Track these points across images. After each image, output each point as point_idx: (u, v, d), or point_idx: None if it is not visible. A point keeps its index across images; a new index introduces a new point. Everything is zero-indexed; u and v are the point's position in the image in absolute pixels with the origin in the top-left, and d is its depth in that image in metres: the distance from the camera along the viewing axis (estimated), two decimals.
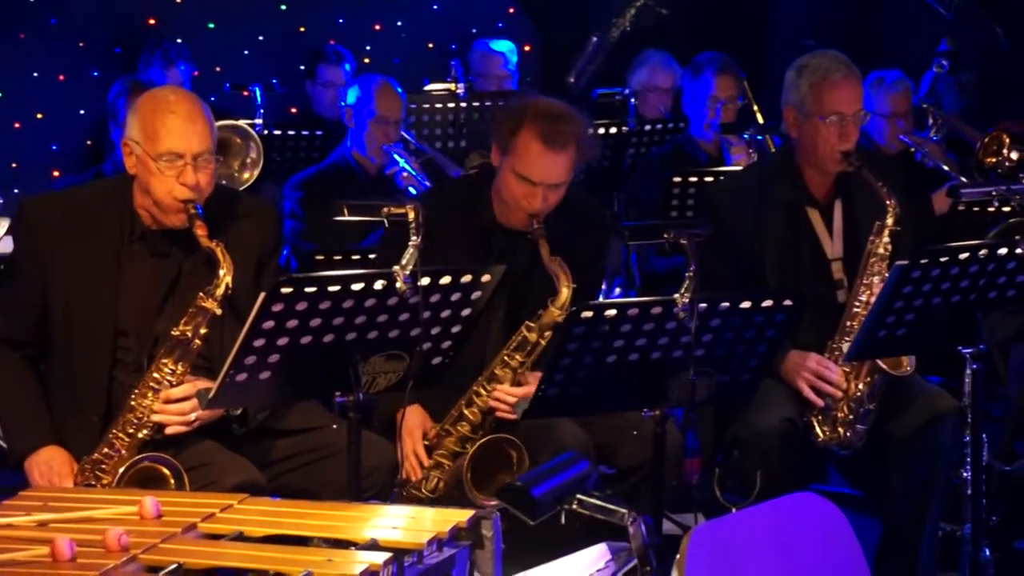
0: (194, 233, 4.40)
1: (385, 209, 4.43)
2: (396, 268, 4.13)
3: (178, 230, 4.48)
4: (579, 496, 3.61)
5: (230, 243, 4.44)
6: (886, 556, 5.17)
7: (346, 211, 4.53)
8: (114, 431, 4.43)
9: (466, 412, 4.90)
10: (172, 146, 4.42)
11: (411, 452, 4.92)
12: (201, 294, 4.40)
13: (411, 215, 4.27)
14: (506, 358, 4.87)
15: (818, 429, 5.15)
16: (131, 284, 4.54)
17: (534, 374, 4.82)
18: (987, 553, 4.87)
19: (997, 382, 5.90)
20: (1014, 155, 6.82)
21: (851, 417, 5.13)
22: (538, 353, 4.86)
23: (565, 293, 4.80)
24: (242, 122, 6.82)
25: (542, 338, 4.84)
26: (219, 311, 4.38)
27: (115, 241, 4.55)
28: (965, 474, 4.90)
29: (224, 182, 5.72)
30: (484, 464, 4.85)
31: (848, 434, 5.14)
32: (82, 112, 8.43)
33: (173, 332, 4.41)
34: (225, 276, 4.38)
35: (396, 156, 6.88)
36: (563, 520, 3.62)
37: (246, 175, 6.47)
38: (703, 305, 4.35)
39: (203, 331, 4.41)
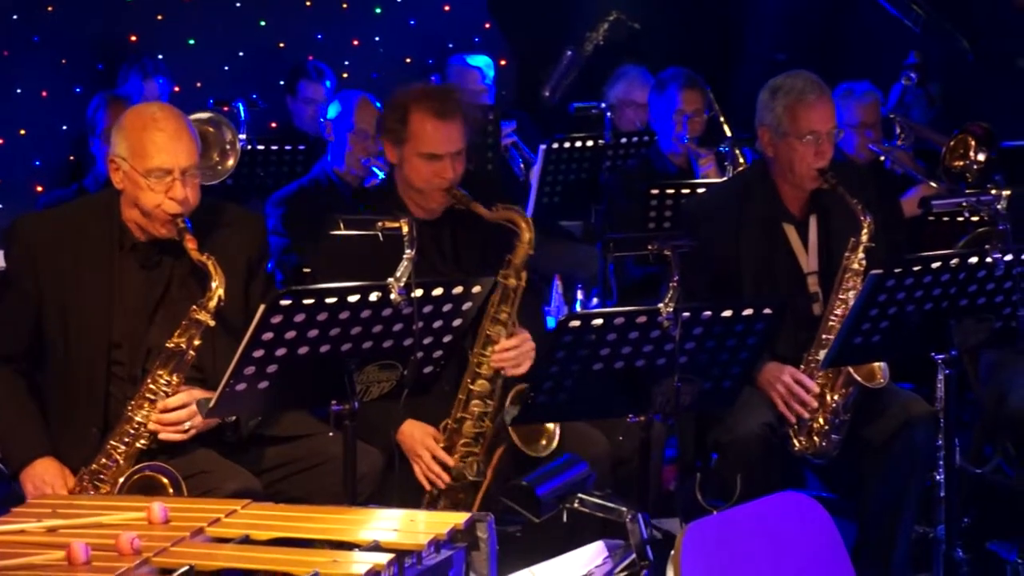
0: (184, 247, 4.49)
1: (380, 223, 4.48)
2: (391, 280, 4.21)
3: (166, 240, 4.56)
4: (580, 495, 3.71)
5: (218, 253, 4.52)
6: (862, 557, 5.27)
7: (342, 225, 4.60)
8: (112, 442, 4.49)
9: (473, 388, 4.94)
10: (161, 163, 4.50)
11: (431, 462, 4.94)
12: (194, 307, 4.48)
13: (405, 229, 4.36)
14: (494, 314, 4.93)
15: (794, 439, 5.26)
16: (123, 296, 4.61)
17: (523, 332, 4.94)
18: (960, 554, 4.97)
19: (967, 388, 6.01)
20: (980, 156, 6.92)
21: (826, 428, 5.25)
22: (520, 297, 4.95)
23: (525, 226, 4.93)
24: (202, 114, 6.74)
25: (520, 280, 4.95)
26: (212, 323, 4.46)
27: (107, 254, 4.62)
28: (938, 477, 5.00)
29: (210, 174, 5.78)
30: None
31: (823, 444, 5.26)
32: (65, 128, 8.43)
33: (168, 344, 4.49)
34: (217, 289, 4.46)
35: (375, 168, 6.98)
36: (565, 518, 3.72)
37: (229, 162, 6.35)
38: (686, 314, 4.43)
39: (196, 342, 4.48)
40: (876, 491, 5.30)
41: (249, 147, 7.23)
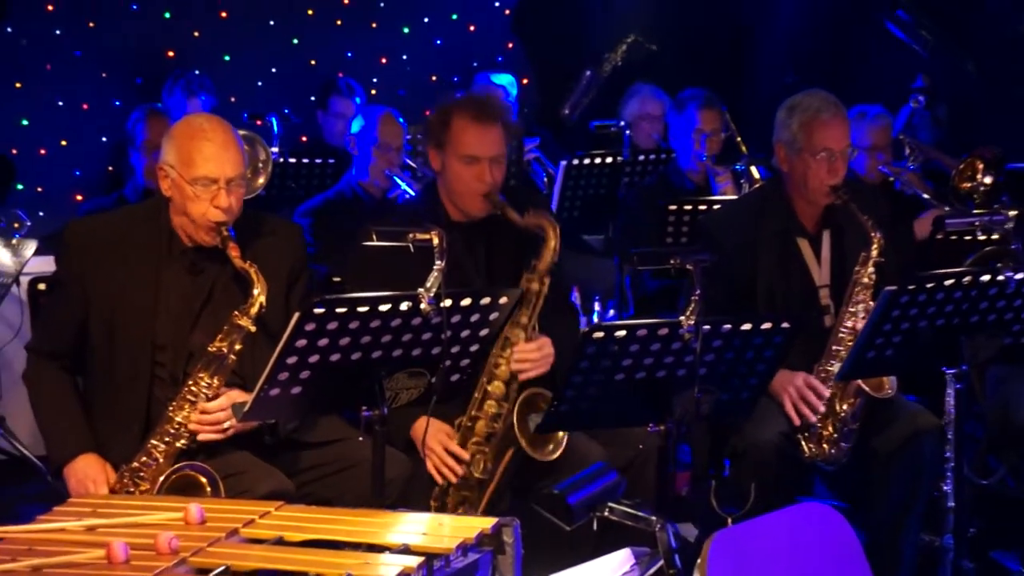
0: (228, 255, 4.63)
1: (411, 235, 4.57)
2: (420, 290, 4.30)
3: (212, 247, 4.70)
4: (610, 504, 3.75)
5: (260, 261, 4.65)
6: (870, 565, 5.37)
7: (374, 236, 4.70)
8: (152, 441, 4.63)
9: (489, 388, 5.03)
10: (207, 172, 4.64)
11: (444, 455, 5.01)
12: (236, 312, 4.62)
13: (435, 240, 4.46)
14: (514, 317, 5.00)
15: (804, 445, 5.35)
16: (168, 300, 4.74)
17: (543, 337, 5.03)
18: (967, 563, 5.02)
19: (974, 401, 6.08)
20: (988, 179, 7.02)
21: (836, 435, 5.34)
22: (542, 303, 5.03)
23: (552, 233, 5.04)
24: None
25: (543, 285, 5.04)
26: (253, 328, 4.60)
27: (154, 259, 4.75)
28: (946, 487, 5.04)
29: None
30: (523, 422, 4.99)
31: (833, 451, 5.36)
32: (104, 139, 8.60)
33: (210, 348, 4.63)
34: (259, 296, 4.60)
35: (398, 180, 7.11)
36: (595, 526, 3.75)
37: (260, 180, 6.43)
38: (707, 327, 4.49)
39: (238, 347, 4.62)
40: (883, 500, 5.39)
41: (281, 160, 7.37)
